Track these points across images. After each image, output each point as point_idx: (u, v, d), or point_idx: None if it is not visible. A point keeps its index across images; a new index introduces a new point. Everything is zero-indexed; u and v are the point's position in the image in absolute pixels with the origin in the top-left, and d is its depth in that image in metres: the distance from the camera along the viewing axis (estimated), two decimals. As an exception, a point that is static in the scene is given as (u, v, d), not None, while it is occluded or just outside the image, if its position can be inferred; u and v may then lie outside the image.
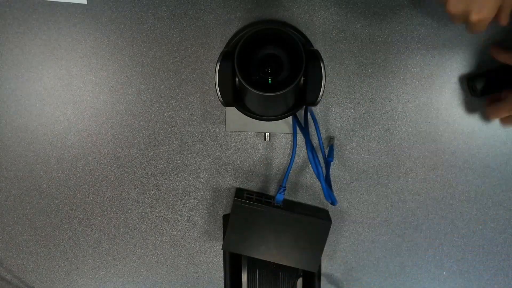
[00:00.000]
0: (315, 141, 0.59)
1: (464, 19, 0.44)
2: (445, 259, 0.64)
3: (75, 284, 0.66)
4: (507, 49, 0.53)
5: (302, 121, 0.56)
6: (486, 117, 0.59)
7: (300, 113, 0.58)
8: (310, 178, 0.62)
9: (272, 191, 0.62)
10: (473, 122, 0.59)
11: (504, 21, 0.46)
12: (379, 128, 0.60)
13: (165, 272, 0.65)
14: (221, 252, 0.63)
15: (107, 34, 0.57)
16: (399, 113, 0.59)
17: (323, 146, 0.59)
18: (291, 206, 0.60)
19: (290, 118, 0.57)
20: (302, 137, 0.57)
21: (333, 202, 0.57)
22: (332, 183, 0.62)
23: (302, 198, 0.63)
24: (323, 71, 0.44)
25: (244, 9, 0.57)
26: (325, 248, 0.58)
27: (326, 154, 0.60)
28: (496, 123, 0.59)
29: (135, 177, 0.62)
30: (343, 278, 0.65)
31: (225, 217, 0.62)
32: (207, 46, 0.58)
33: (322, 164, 0.60)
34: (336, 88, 0.59)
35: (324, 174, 0.60)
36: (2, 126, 0.60)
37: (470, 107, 0.59)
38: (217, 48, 0.58)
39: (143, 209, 0.63)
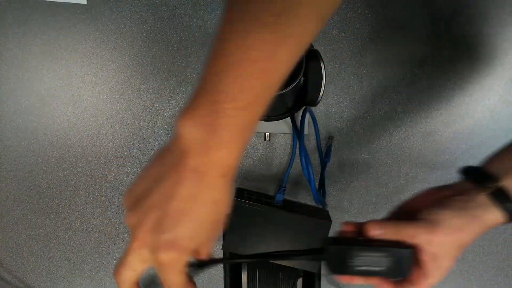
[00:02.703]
0: (314, 141, 0.59)
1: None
2: (445, 259, 0.64)
3: (75, 284, 0.66)
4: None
5: (298, 125, 0.55)
6: None
7: (298, 116, 0.58)
8: (310, 178, 0.62)
9: (272, 191, 0.62)
10: (473, 122, 0.59)
11: None
12: (379, 128, 0.60)
13: (165, 272, 0.65)
14: (221, 252, 0.63)
15: (107, 34, 0.57)
16: (399, 113, 0.59)
17: (321, 147, 0.59)
18: (291, 206, 0.60)
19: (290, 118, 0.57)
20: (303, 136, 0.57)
21: (323, 207, 0.58)
22: (332, 183, 0.62)
23: (302, 198, 0.63)
24: (323, 71, 0.44)
25: (244, 9, 0.57)
26: (325, 248, 0.58)
27: (324, 155, 0.60)
28: (496, 122, 0.59)
29: (135, 177, 0.62)
30: (343, 278, 0.65)
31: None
32: (207, 46, 0.58)
33: (318, 167, 0.60)
34: (336, 88, 0.59)
35: (320, 175, 0.60)
36: (2, 126, 0.60)
37: (469, 108, 0.59)
38: (217, 48, 0.58)
39: (143, 209, 0.63)
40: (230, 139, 0.27)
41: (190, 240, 0.30)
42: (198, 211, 0.29)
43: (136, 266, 0.31)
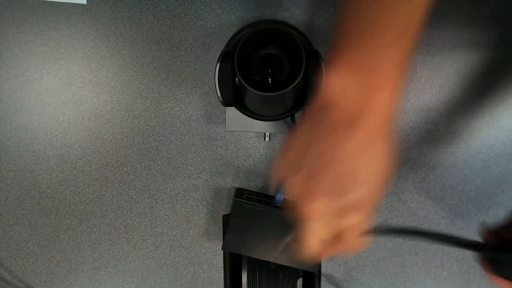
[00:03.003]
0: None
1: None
2: (445, 259, 0.64)
3: (75, 284, 0.66)
4: None
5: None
6: None
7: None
8: (310, 178, 0.62)
9: (272, 191, 0.62)
10: (473, 122, 0.59)
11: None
12: (379, 128, 0.60)
13: (165, 273, 0.65)
14: (221, 252, 0.63)
15: (107, 34, 0.57)
16: (399, 113, 0.59)
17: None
18: (291, 206, 0.60)
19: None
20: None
21: None
22: (332, 183, 0.62)
23: (302, 198, 0.62)
24: (323, 71, 0.44)
25: (244, 9, 0.57)
26: (325, 248, 0.58)
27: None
28: (496, 122, 0.59)
29: (135, 177, 0.62)
30: (343, 278, 0.65)
31: (225, 217, 0.62)
32: (207, 46, 0.58)
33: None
34: (336, 88, 0.59)
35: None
36: (2, 126, 0.60)
37: (469, 108, 0.59)
38: (217, 48, 0.58)
39: (143, 209, 0.63)
40: (383, 79, 0.26)
41: (369, 199, 0.28)
42: (367, 167, 0.28)
43: (317, 237, 0.30)
